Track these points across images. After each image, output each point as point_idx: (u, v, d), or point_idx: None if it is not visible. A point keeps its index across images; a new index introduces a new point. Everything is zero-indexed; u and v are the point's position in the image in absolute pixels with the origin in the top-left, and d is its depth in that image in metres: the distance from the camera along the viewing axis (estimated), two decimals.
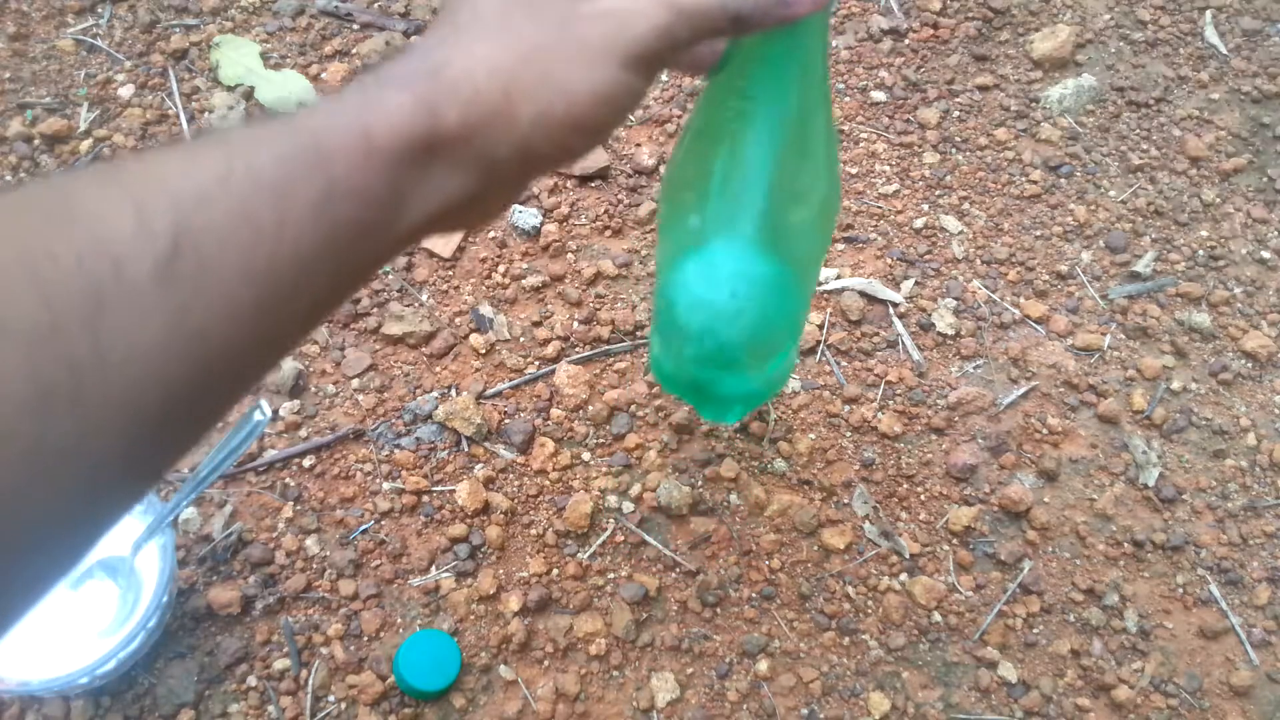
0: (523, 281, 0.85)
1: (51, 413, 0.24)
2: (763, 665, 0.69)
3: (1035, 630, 0.71)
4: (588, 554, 0.73)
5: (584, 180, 0.91)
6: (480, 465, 0.76)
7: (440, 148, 0.30)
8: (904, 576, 0.72)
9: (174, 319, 0.26)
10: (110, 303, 0.25)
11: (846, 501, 0.75)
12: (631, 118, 0.94)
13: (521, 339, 0.83)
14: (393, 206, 0.30)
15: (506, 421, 0.78)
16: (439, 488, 0.76)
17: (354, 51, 0.97)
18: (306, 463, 0.77)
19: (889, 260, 0.87)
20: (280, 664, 0.68)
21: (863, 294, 0.84)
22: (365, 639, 0.70)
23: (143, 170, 0.28)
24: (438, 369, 0.81)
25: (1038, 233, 0.89)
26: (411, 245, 0.33)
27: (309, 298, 0.29)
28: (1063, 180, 0.92)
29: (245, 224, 0.27)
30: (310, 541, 0.73)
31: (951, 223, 0.89)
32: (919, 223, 0.89)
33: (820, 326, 0.83)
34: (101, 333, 0.24)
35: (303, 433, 0.78)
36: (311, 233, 0.28)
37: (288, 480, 0.76)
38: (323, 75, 0.96)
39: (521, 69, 0.31)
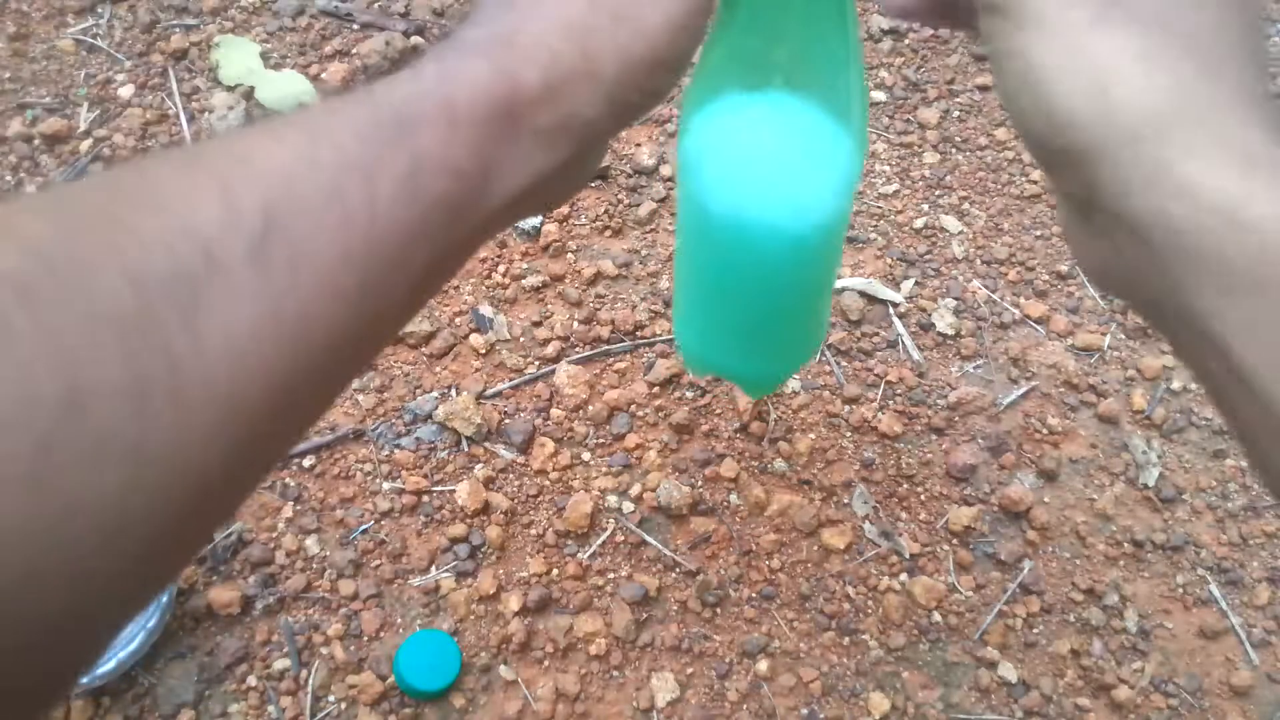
0: (523, 281, 0.85)
1: (151, 410, 0.22)
2: (763, 665, 0.69)
3: (1035, 630, 0.71)
4: (588, 554, 0.73)
5: None
6: (480, 465, 0.76)
7: (525, 115, 0.29)
8: (904, 576, 0.72)
9: (272, 305, 0.24)
10: (204, 290, 0.23)
11: (846, 501, 0.75)
12: None
13: (521, 339, 0.83)
14: (481, 180, 0.29)
15: (506, 421, 0.78)
16: (439, 488, 0.76)
17: (354, 51, 0.97)
18: (306, 463, 0.77)
19: (889, 260, 0.87)
20: (280, 664, 0.68)
21: (863, 294, 0.84)
22: (365, 639, 0.70)
23: (225, 152, 0.26)
24: (438, 369, 0.81)
25: (1038, 232, 0.89)
26: (506, 225, 0.32)
27: (406, 281, 0.28)
28: None
29: (336, 203, 0.26)
30: (310, 541, 0.73)
31: (951, 223, 0.89)
32: (919, 223, 0.89)
33: None
34: (198, 322, 0.23)
35: None
36: (403, 211, 0.27)
37: (288, 480, 0.76)
38: (323, 75, 0.96)
39: (592, 19, 0.30)
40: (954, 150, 0.94)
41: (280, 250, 0.24)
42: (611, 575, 0.72)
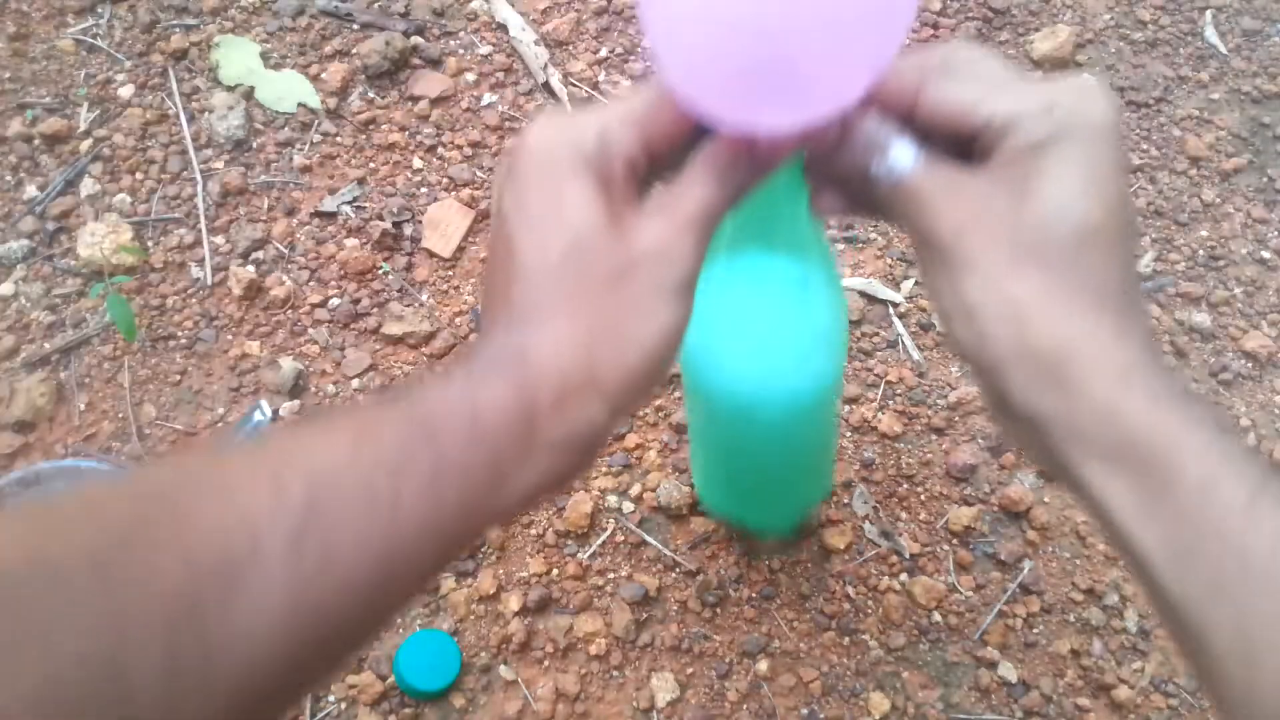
0: None
1: (179, 690, 0.25)
2: (763, 665, 0.69)
3: (1035, 630, 0.71)
4: (588, 554, 0.73)
5: None
6: None
7: (539, 429, 0.32)
8: (904, 576, 0.72)
9: (296, 597, 0.27)
10: (244, 576, 0.27)
11: (846, 501, 0.75)
12: None
13: None
14: (495, 485, 0.32)
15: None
16: None
17: (354, 51, 0.97)
18: None
19: (889, 260, 0.87)
20: None
21: (863, 294, 0.84)
22: None
23: (286, 443, 0.31)
24: (438, 369, 0.81)
25: None
26: (516, 517, 0.36)
27: (415, 571, 0.31)
28: None
29: (366, 499, 0.29)
30: None
31: None
32: None
33: None
34: (235, 611, 0.26)
35: None
36: (422, 509, 0.30)
37: None
38: (323, 75, 0.96)
39: (594, 338, 0.33)
40: None
41: (314, 540, 0.28)
42: (611, 575, 0.72)
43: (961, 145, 0.35)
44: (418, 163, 0.92)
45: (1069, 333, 0.32)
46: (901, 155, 0.34)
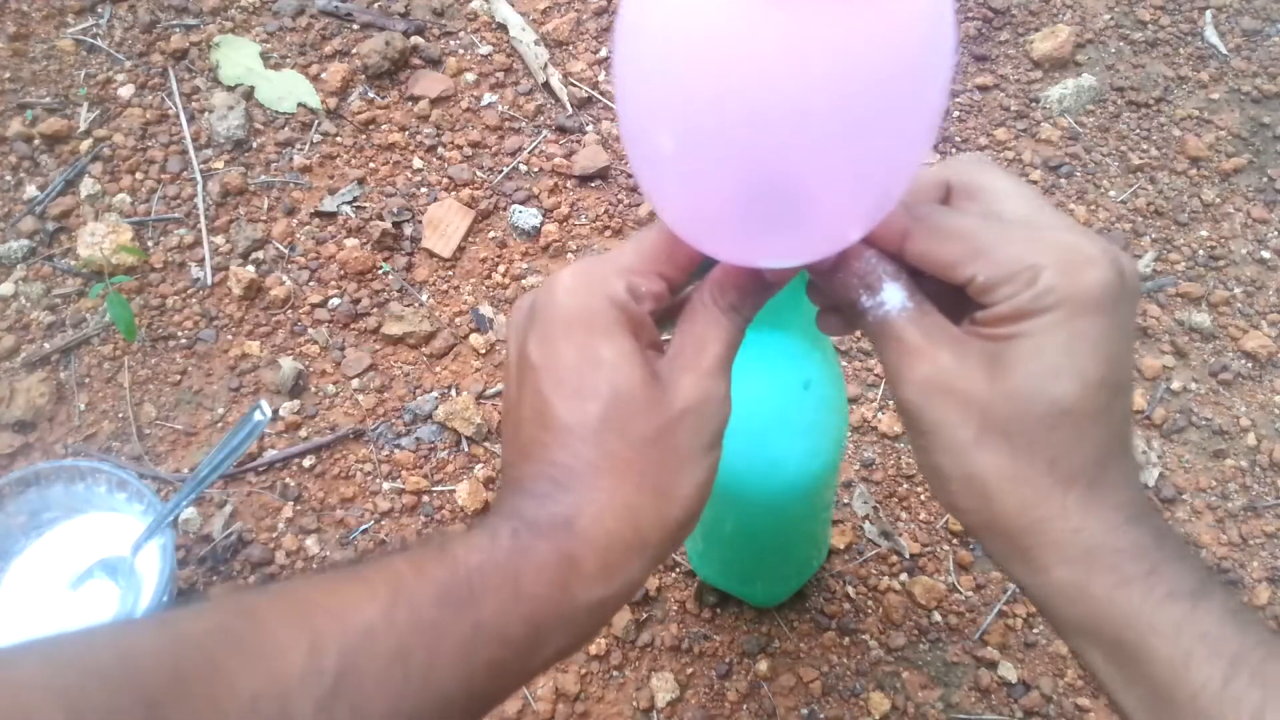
0: (523, 281, 0.85)
1: None
2: (763, 665, 0.69)
3: (1035, 630, 0.71)
4: None
5: (584, 180, 0.91)
6: (480, 465, 0.76)
7: (580, 592, 0.32)
8: (904, 576, 0.72)
9: None
10: None
11: (846, 501, 0.75)
12: None
13: None
14: (529, 649, 0.32)
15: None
16: (439, 488, 0.76)
17: (354, 51, 0.97)
18: (306, 463, 0.77)
19: None
20: None
21: None
22: None
23: (323, 601, 0.30)
24: (438, 369, 0.81)
25: None
26: (543, 673, 0.35)
27: None
28: (1063, 180, 0.92)
29: (400, 664, 0.29)
30: (310, 541, 0.73)
31: None
32: None
33: None
34: None
35: (303, 433, 0.78)
36: (456, 672, 0.30)
37: (288, 480, 0.76)
38: (323, 75, 0.96)
39: (640, 498, 0.32)
40: (953, 150, 0.94)
41: (344, 706, 0.28)
42: None
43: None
44: (418, 163, 0.92)
45: (1034, 515, 0.31)
46: (891, 297, 0.34)
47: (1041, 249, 0.31)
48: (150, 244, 0.87)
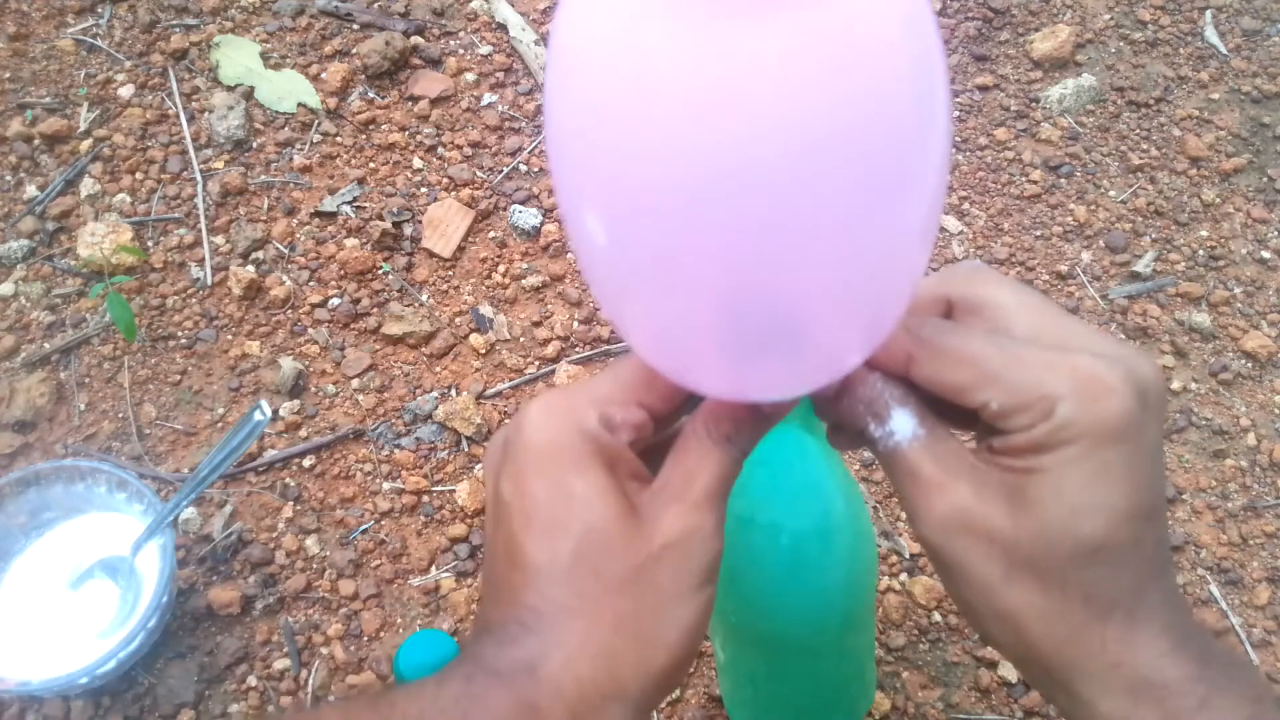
0: (523, 281, 0.85)
1: None
2: None
3: None
4: None
5: None
6: (480, 465, 0.76)
7: None
8: (904, 576, 0.72)
9: None
10: None
11: None
12: None
13: (521, 339, 0.83)
14: None
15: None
16: (439, 487, 0.76)
17: (354, 51, 0.97)
18: (306, 463, 0.77)
19: None
20: (280, 664, 0.68)
21: None
22: (365, 639, 0.70)
23: None
24: (438, 369, 0.81)
25: (1038, 233, 0.89)
26: None
27: None
28: (1063, 180, 0.92)
29: None
30: (310, 541, 0.73)
31: (951, 223, 0.89)
32: None
33: None
34: None
35: (303, 433, 0.78)
36: None
37: (288, 480, 0.76)
38: (323, 75, 0.96)
39: (617, 642, 0.30)
40: (954, 150, 0.94)
41: None
42: None
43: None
44: (418, 163, 0.92)
45: (1072, 651, 0.30)
46: (901, 425, 0.32)
47: (1056, 376, 0.29)
48: (150, 244, 0.87)
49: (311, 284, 0.85)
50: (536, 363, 0.81)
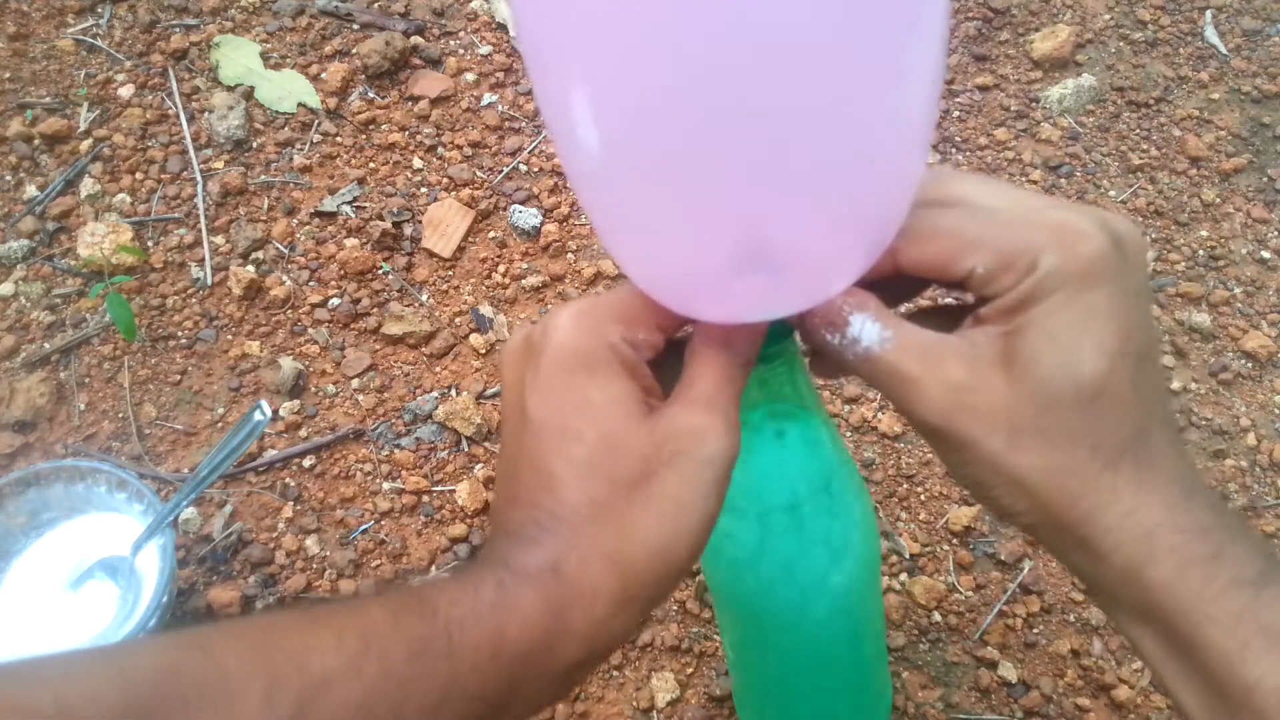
0: (523, 281, 0.85)
1: None
2: None
3: (1035, 630, 0.71)
4: None
5: None
6: (480, 465, 0.76)
7: (564, 652, 0.30)
8: (904, 576, 0.72)
9: None
10: None
11: None
12: None
13: None
14: (504, 706, 0.30)
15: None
16: (439, 488, 0.76)
17: (354, 51, 0.97)
18: (306, 463, 0.77)
19: None
20: None
21: None
22: None
23: (287, 640, 0.28)
24: (438, 369, 0.81)
25: None
26: None
27: None
28: (1063, 180, 0.92)
29: (361, 717, 0.28)
30: (310, 541, 0.73)
31: None
32: None
33: None
34: None
35: (303, 433, 0.78)
36: None
37: (288, 480, 0.76)
38: (323, 75, 0.96)
39: (622, 547, 0.31)
40: (954, 150, 0.94)
41: None
42: None
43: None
44: (418, 163, 0.92)
45: (1086, 504, 0.30)
46: (865, 333, 0.32)
47: (1035, 231, 0.30)
48: (150, 244, 0.87)
49: (311, 284, 0.85)
50: None
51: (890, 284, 0.33)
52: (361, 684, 0.28)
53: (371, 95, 0.95)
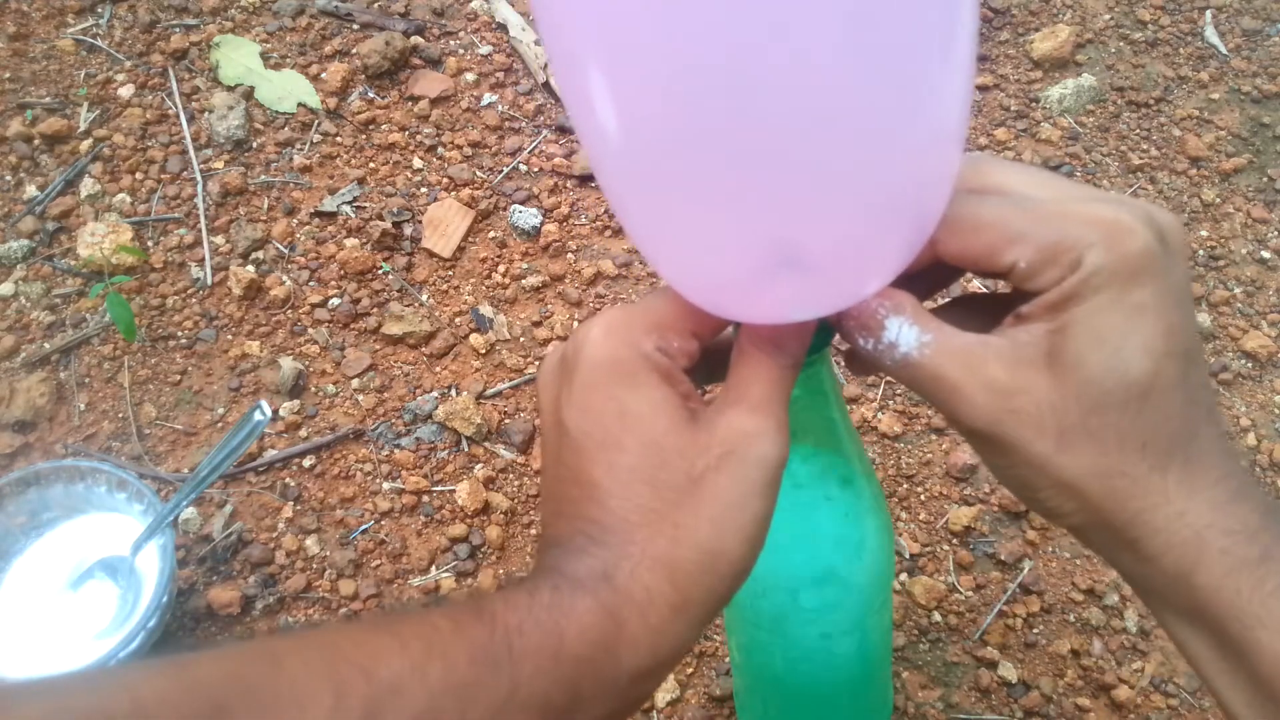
0: (523, 281, 0.85)
1: None
2: None
3: (1035, 630, 0.71)
4: None
5: (584, 180, 0.91)
6: (480, 465, 0.76)
7: (625, 656, 0.30)
8: (904, 576, 0.72)
9: None
10: None
11: None
12: None
13: (521, 339, 0.83)
14: (566, 713, 0.30)
15: (506, 421, 0.78)
16: (439, 488, 0.76)
17: (354, 51, 0.97)
18: (306, 463, 0.77)
19: None
20: None
21: None
22: None
23: (352, 651, 0.28)
24: (438, 369, 0.81)
25: None
26: None
27: None
28: None
29: None
30: (310, 541, 0.73)
31: None
32: None
33: None
34: None
35: (303, 433, 0.78)
36: None
37: (288, 480, 0.76)
38: (323, 75, 0.96)
39: (675, 552, 0.30)
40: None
41: None
42: None
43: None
44: (418, 163, 0.92)
45: (1136, 505, 0.30)
46: (903, 337, 0.31)
47: (1080, 226, 0.29)
48: (150, 244, 0.87)
49: (311, 284, 0.85)
50: (536, 363, 0.81)
51: (926, 274, 0.33)
52: (426, 689, 0.28)
53: (371, 95, 0.95)
